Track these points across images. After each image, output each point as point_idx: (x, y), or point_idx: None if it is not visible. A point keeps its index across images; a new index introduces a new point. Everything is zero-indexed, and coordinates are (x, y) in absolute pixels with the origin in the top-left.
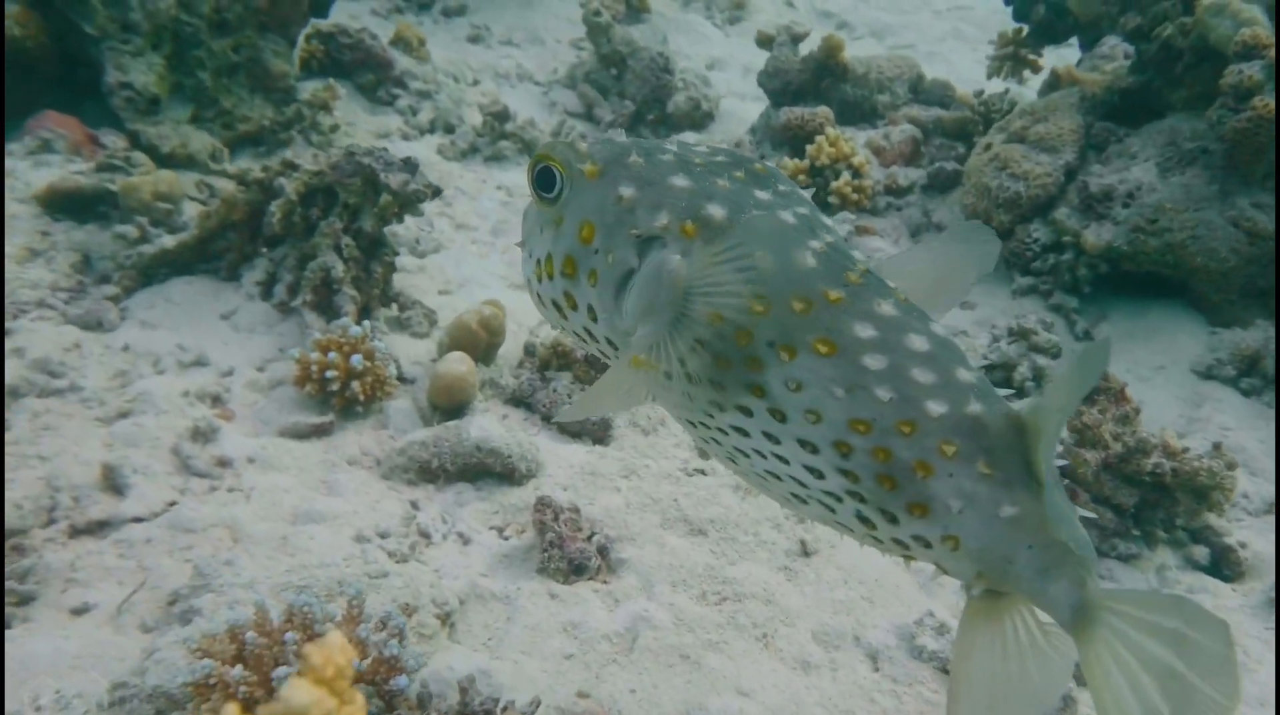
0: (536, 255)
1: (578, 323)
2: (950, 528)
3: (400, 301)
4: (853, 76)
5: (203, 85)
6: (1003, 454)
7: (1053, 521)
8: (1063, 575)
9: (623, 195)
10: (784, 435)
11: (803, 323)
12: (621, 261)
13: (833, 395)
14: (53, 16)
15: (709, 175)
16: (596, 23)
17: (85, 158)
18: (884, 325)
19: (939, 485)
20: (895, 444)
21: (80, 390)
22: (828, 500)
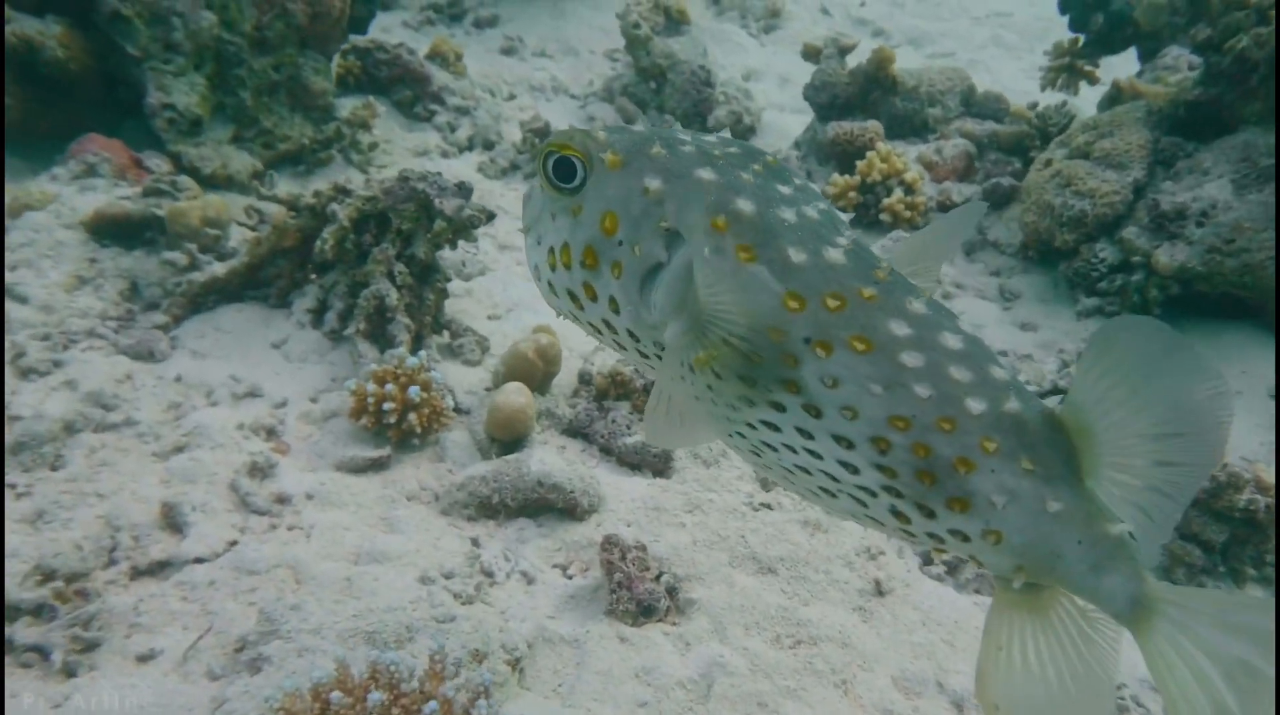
0: (549, 243)
1: (595, 314)
2: (993, 523)
3: (452, 328)
4: (903, 89)
5: (244, 105)
6: (1044, 450)
7: (1101, 516)
8: (1116, 569)
9: (649, 187)
10: (819, 431)
11: (837, 319)
12: (649, 254)
13: (870, 392)
14: (95, 37)
15: (732, 169)
16: (636, 35)
17: (131, 182)
18: (917, 323)
19: (981, 481)
20: (935, 440)
21: (135, 424)
22: (860, 494)
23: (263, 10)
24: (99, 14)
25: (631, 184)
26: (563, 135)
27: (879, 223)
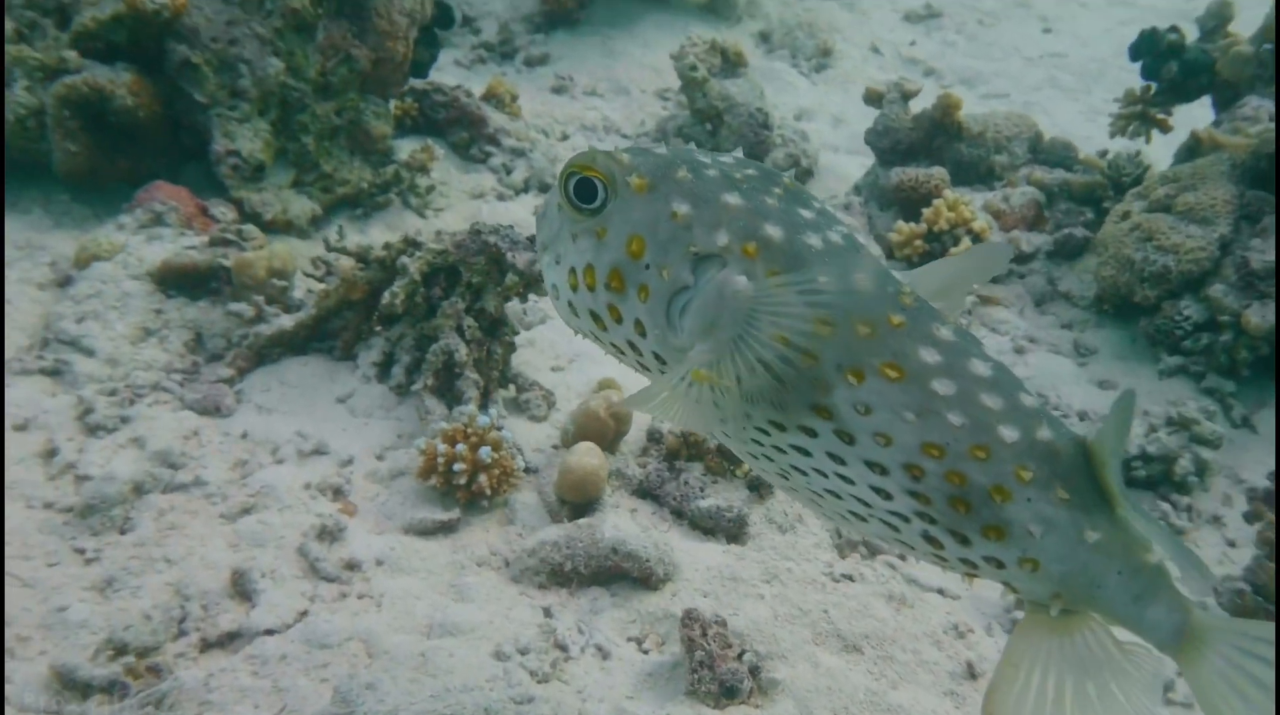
0: (570, 264)
1: (620, 335)
2: (1030, 551)
3: (518, 382)
4: (968, 135)
5: (305, 149)
6: (1077, 479)
7: (1139, 545)
8: (1159, 599)
9: (677, 211)
10: (851, 457)
11: (869, 346)
12: (676, 278)
13: (903, 419)
14: (162, 84)
15: (756, 193)
16: (693, 77)
17: (197, 230)
18: (946, 350)
19: (1017, 510)
20: (969, 468)
21: (204, 484)
22: (892, 520)
23: (327, 56)
24: (169, 62)
25: (659, 208)
26: (585, 156)
27: None
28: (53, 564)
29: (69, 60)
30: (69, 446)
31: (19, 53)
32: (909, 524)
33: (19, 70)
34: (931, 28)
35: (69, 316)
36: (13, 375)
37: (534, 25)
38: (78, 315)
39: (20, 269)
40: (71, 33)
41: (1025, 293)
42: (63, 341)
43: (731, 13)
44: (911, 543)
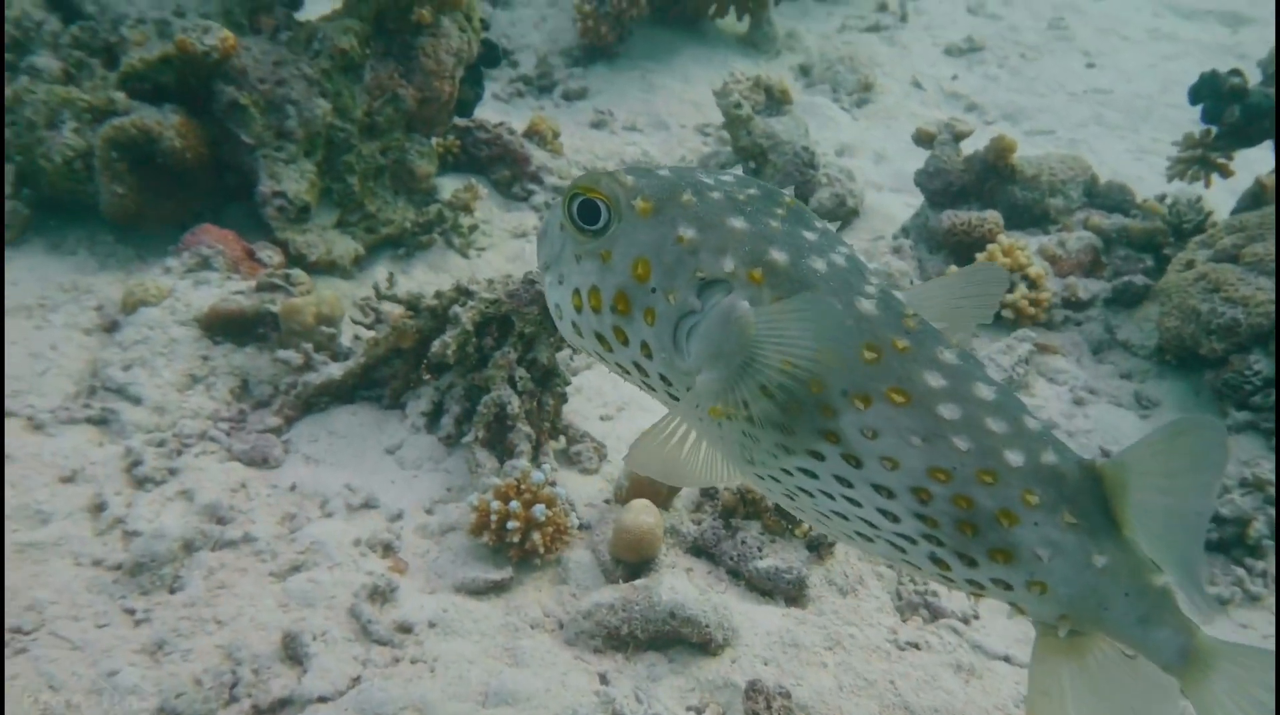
0: (574, 285)
1: (625, 357)
2: (1038, 574)
3: (569, 434)
4: (1021, 178)
5: (350, 190)
6: (1084, 503)
7: (1145, 568)
8: (1164, 622)
9: (683, 236)
10: (858, 480)
11: (875, 372)
12: (683, 303)
13: (910, 444)
14: (210, 125)
15: (760, 215)
16: (737, 115)
17: (244, 274)
18: (951, 373)
19: (1024, 533)
20: (976, 492)
21: (253, 541)
22: (899, 541)
23: (374, 96)
24: (216, 103)
25: (664, 232)
26: (589, 178)
27: (1000, 319)
28: (102, 625)
29: (117, 102)
30: (117, 501)
31: (67, 94)
32: (916, 546)
33: (68, 112)
34: (973, 62)
35: (116, 363)
36: (60, 424)
37: (572, 59)
38: (125, 362)
39: (66, 313)
40: (119, 73)
41: (1082, 341)
42: (109, 389)
43: (770, 46)
44: (918, 563)
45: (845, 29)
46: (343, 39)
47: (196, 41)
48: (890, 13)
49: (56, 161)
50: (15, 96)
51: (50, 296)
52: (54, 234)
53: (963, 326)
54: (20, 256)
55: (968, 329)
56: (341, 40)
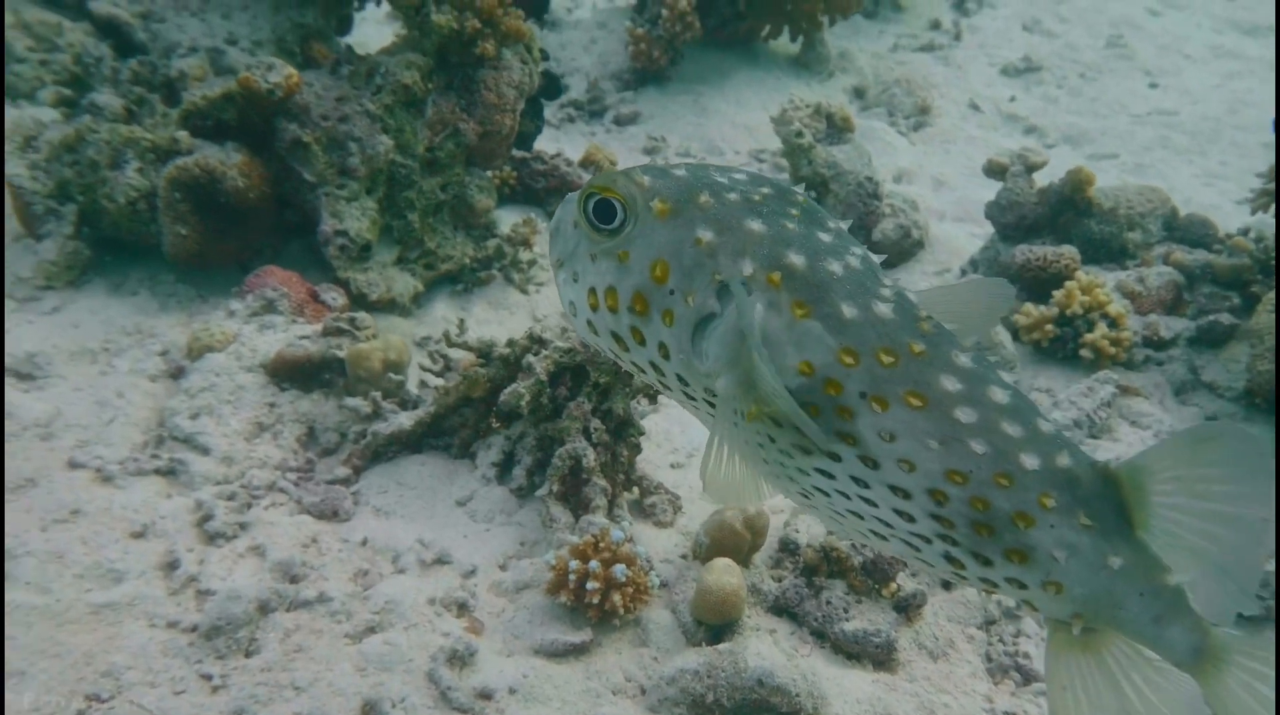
0: (590, 284)
1: (641, 357)
2: (1054, 575)
3: (642, 485)
4: (1098, 211)
5: (410, 226)
6: (1098, 505)
7: (1159, 568)
8: (1178, 620)
9: (702, 238)
10: (875, 481)
11: (891, 375)
12: (702, 305)
13: (927, 447)
14: (271, 162)
15: (776, 217)
16: (798, 144)
17: (308, 318)
18: (966, 377)
19: (1040, 536)
20: (993, 495)
21: (328, 601)
22: (914, 540)
23: (435, 131)
24: (279, 141)
25: (682, 234)
26: (605, 178)
27: (1077, 358)
28: (179, 691)
29: (181, 141)
30: (189, 557)
31: (131, 133)
32: (930, 545)
33: (131, 151)
34: (1031, 82)
35: (183, 412)
36: (128, 476)
37: (623, 82)
38: (192, 410)
39: (131, 358)
40: (181, 110)
41: (1165, 382)
42: (177, 438)
43: (823, 67)
44: (931, 561)
45: (898, 48)
46: (405, 74)
47: (260, 79)
48: (944, 31)
49: (120, 202)
50: (78, 135)
51: (114, 340)
52: (115, 274)
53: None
54: (82, 297)
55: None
56: (404, 75)
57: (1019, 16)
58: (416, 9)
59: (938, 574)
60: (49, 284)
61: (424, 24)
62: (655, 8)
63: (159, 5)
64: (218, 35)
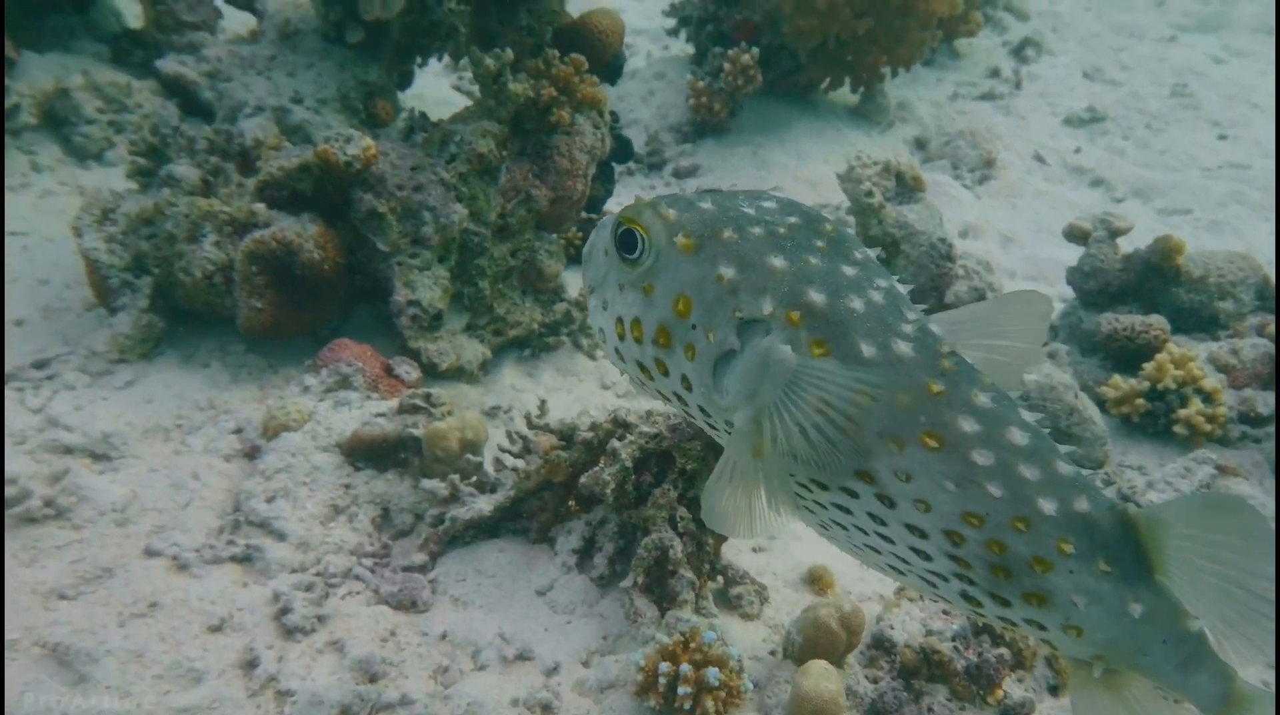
0: (617, 313)
1: (667, 387)
2: (1073, 620)
3: (727, 574)
4: (1187, 279)
5: (480, 293)
6: (1118, 551)
7: (1180, 613)
8: (1203, 667)
9: (723, 275)
10: (891, 519)
11: (909, 416)
12: (722, 341)
13: (944, 489)
14: (346, 232)
15: (800, 251)
16: (868, 204)
17: (382, 393)
18: (984, 418)
19: (1059, 581)
20: (1010, 539)
21: (410, 704)
22: (931, 577)
23: (508, 198)
24: (355, 212)
25: (705, 270)
26: (633, 209)
27: (1170, 434)
28: None
29: (258, 213)
30: (269, 655)
31: (209, 206)
32: (948, 583)
33: (209, 225)
34: (1095, 133)
35: (259, 495)
36: (205, 564)
37: (682, 135)
38: (268, 493)
39: (205, 436)
40: (257, 181)
41: (1264, 460)
42: (253, 523)
43: (882, 117)
44: (950, 598)
45: (958, 97)
46: (481, 143)
47: (339, 152)
48: (1003, 79)
49: (196, 276)
50: (156, 209)
51: (187, 416)
52: (185, 345)
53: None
54: (154, 370)
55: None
56: (479, 144)
57: (1079, 64)
58: (494, 77)
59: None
60: (122, 357)
61: (501, 92)
62: (717, 60)
63: (225, 64)
64: (283, 94)
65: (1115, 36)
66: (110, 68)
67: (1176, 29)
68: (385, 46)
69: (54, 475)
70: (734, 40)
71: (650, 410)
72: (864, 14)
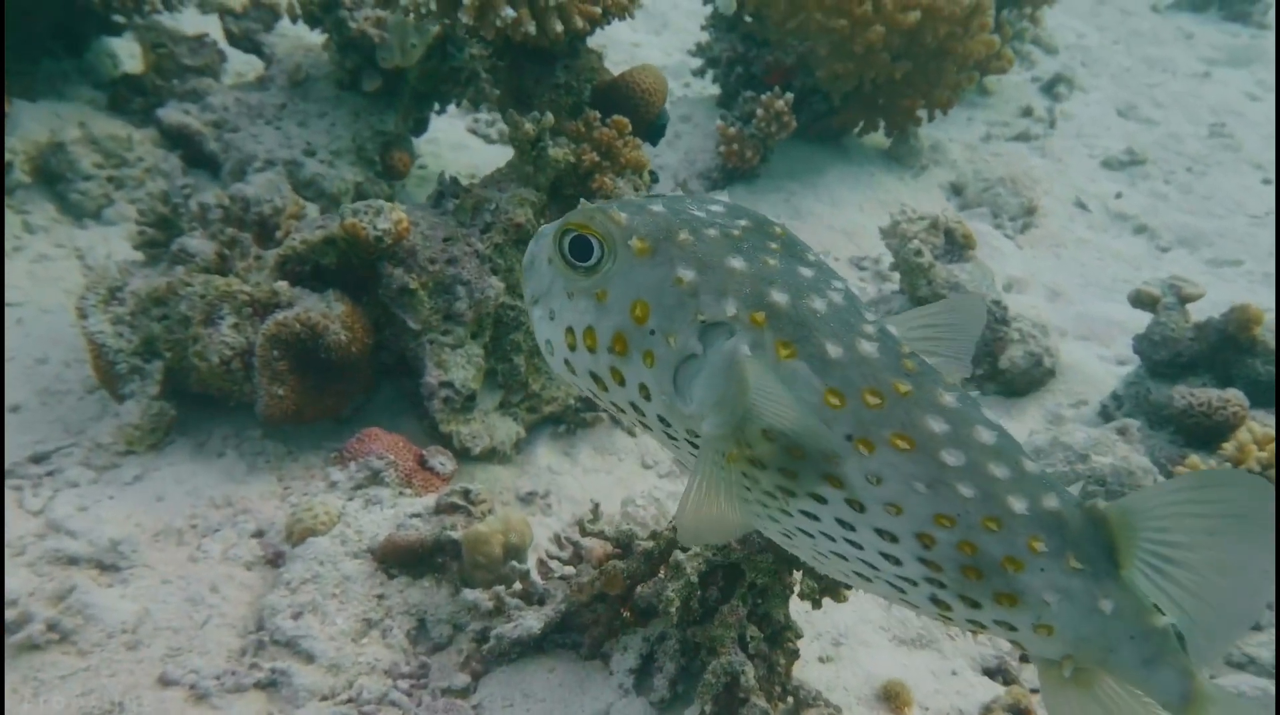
0: (567, 323)
1: (621, 397)
2: (1044, 618)
3: (799, 695)
4: (1263, 350)
5: (516, 370)
6: (1087, 548)
7: (1147, 610)
8: (1167, 664)
9: (683, 278)
10: (860, 524)
11: (878, 417)
12: (684, 346)
13: (914, 490)
14: (373, 308)
15: (757, 252)
16: (917, 263)
17: (416, 489)
18: (952, 417)
19: (1031, 579)
20: (982, 539)
21: None
22: (900, 583)
23: None
24: (384, 288)
25: (663, 273)
26: (582, 214)
27: None
28: None
29: (281, 293)
30: None
31: (228, 286)
32: (917, 587)
33: (227, 306)
34: (1136, 176)
35: (284, 610)
36: (226, 693)
37: (711, 181)
38: (294, 608)
39: (223, 540)
40: (277, 255)
41: None
42: (279, 643)
43: (915, 160)
44: (917, 604)
45: (991, 138)
46: (518, 212)
47: (368, 226)
48: (1037, 119)
49: (213, 361)
50: (169, 289)
51: (202, 515)
52: (196, 431)
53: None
54: (164, 463)
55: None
56: (516, 213)
57: (1112, 101)
58: (533, 143)
59: (921, 614)
60: (130, 449)
61: (540, 158)
62: (748, 105)
63: (231, 112)
64: (295, 146)
65: (1147, 72)
66: (108, 116)
67: (1208, 63)
68: (402, 93)
69: (58, 593)
70: (765, 82)
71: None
72: (901, 57)
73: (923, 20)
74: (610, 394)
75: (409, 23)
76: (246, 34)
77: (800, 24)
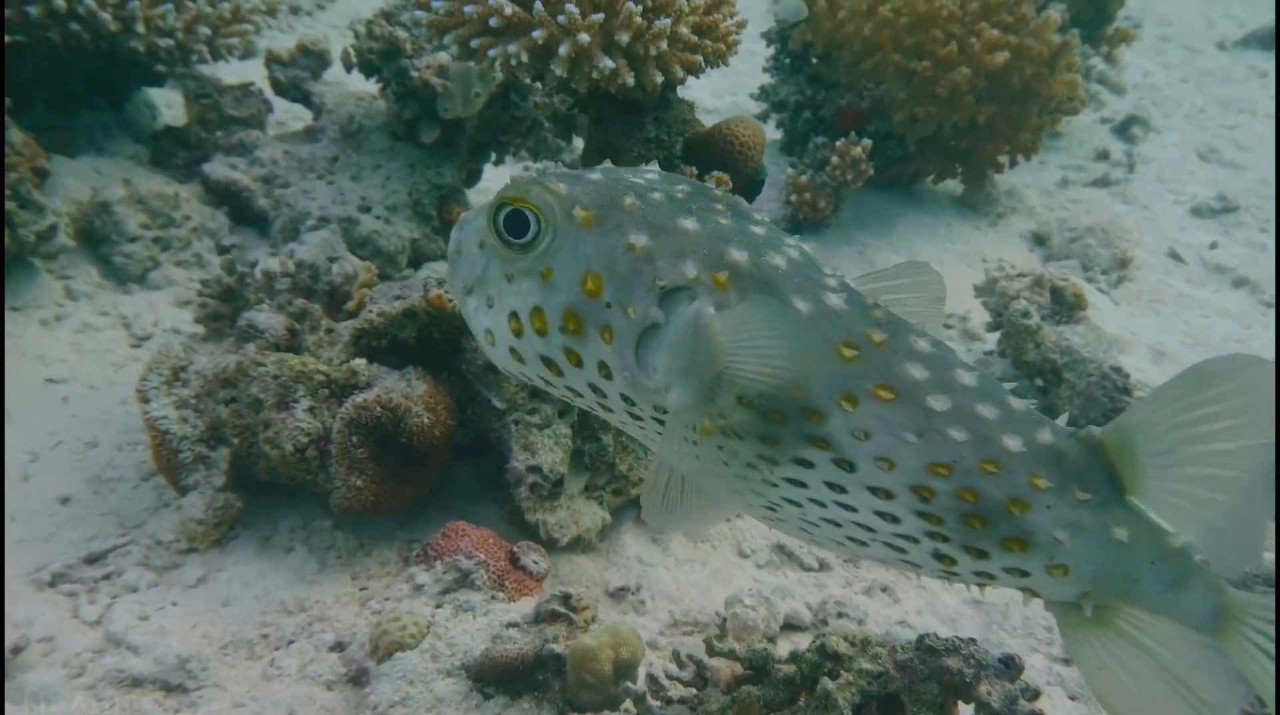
0: (510, 307)
1: (579, 379)
2: (1058, 558)
3: None
4: None
5: (604, 450)
6: (1090, 477)
7: (1161, 531)
8: (1193, 583)
9: (635, 243)
10: (852, 485)
11: (856, 369)
12: (644, 315)
13: (905, 441)
14: (455, 386)
15: (707, 213)
16: (1025, 325)
17: (509, 592)
18: (931, 362)
19: (1039, 519)
20: (982, 484)
21: None
22: (899, 542)
23: None
24: (467, 364)
25: (613, 241)
26: (516, 187)
27: None
28: None
29: (359, 372)
30: None
31: (303, 366)
32: (918, 545)
33: (301, 388)
34: (1228, 224)
35: None
36: None
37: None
38: None
39: (299, 654)
40: (353, 329)
41: None
42: None
43: (991, 207)
44: (919, 562)
45: (1068, 183)
46: None
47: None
48: (1113, 162)
49: (287, 449)
50: (240, 369)
51: (274, 622)
52: (261, 524)
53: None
54: (229, 561)
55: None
56: None
57: (1191, 143)
58: None
59: (922, 573)
60: (192, 547)
61: None
62: (821, 152)
63: (281, 167)
64: (349, 202)
65: (1223, 113)
66: (149, 171)
67: None
68: (459, 144)
69: None
70: (836, 127)
71: (866, 637)
72: (984, 99)
73: (1010, 60)
74: (566, 378)
75: (473, 71)
76: (294, 82)
77: (876, 65)
